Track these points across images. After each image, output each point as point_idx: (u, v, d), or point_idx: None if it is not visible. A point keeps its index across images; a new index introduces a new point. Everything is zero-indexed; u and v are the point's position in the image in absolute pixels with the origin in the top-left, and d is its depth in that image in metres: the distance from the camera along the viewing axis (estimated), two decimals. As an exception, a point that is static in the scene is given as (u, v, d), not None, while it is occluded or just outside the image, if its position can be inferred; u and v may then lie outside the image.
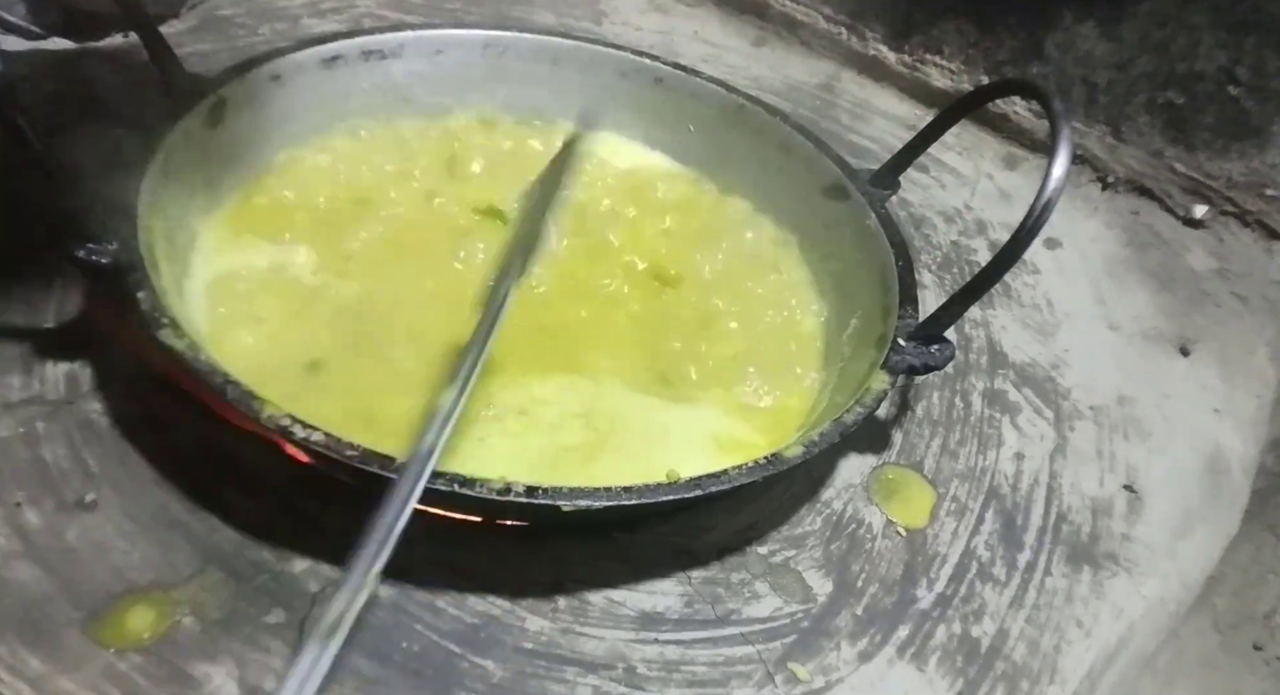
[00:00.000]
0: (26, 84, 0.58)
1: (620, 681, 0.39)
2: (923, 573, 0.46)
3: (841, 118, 0.77)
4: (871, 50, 0.82)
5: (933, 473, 0.51)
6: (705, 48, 0.81)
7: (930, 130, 0.54)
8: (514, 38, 0.60)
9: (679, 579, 0.43)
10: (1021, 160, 0.77)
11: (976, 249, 0.68)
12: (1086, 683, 0.45)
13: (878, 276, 0.51)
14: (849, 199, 0.55)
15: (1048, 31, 0.73)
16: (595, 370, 0.49)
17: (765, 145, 0.59)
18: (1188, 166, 0.72)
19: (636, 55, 0.61)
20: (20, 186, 0.52)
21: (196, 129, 0.48)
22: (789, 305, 0.54)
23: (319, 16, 0.72)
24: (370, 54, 0.56)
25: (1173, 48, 0.69)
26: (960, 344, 0.60)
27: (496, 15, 0.78)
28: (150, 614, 0.37)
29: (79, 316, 0.47)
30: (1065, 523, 0.51)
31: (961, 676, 0.43)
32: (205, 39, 0.67)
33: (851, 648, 0.43)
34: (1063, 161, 0.40)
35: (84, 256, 0.39)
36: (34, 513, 0.39)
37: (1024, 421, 0.56)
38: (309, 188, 0.54)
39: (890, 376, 0.44)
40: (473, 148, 0.59)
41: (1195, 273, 0.70)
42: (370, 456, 0.36)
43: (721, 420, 0.48)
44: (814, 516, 0.48)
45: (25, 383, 0.44)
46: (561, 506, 0.36)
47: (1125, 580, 0.49)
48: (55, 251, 0.40)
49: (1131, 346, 0.63)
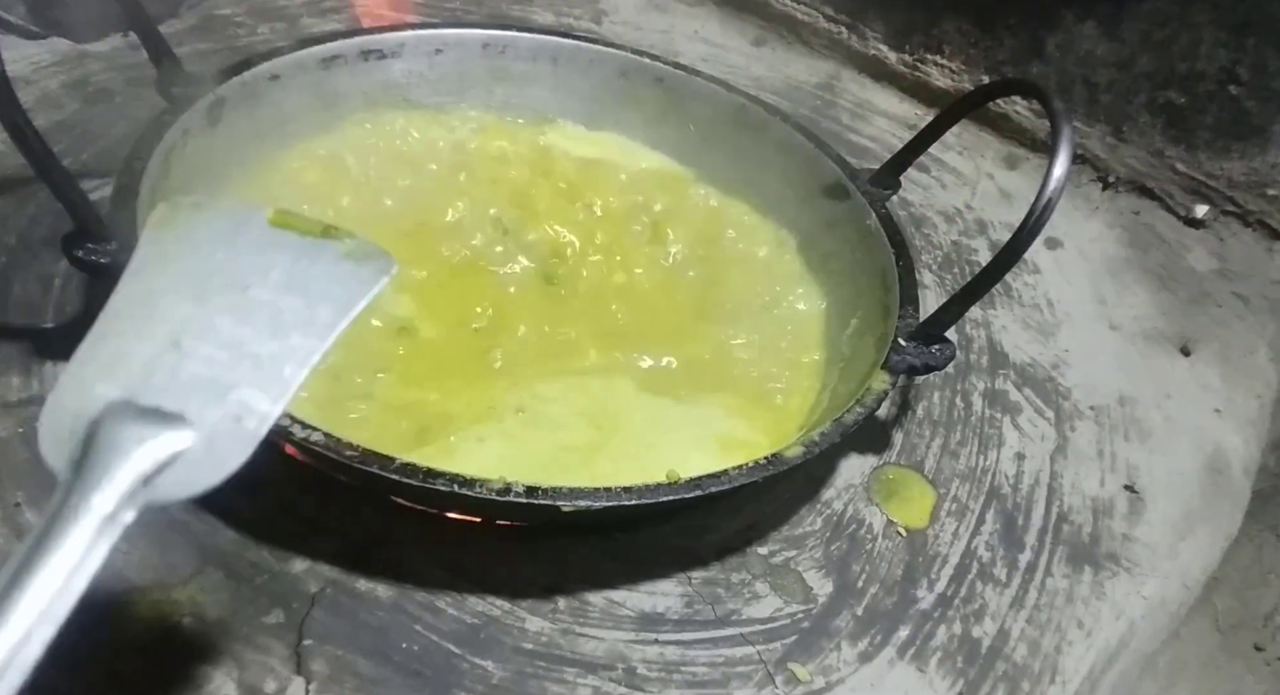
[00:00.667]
0: (26, 84, 0.58)
1: (620, 682, 0.39)
2: (923, 573, 0.46)
3: (842, 117, 0.77)
4: (872, 50, 0.81)
5: (933, 473, 0.51)
6: (705, 47, 0.81)
7: (931, 130, 0.54)
8: (513, 37, 0.60)
9: (679, 579, 0.43)
10: (1022, 160, 0.77)
11: (977, 249, 0.68)
12: (1087, 683, 0.44)
13: (878, 276, 0.51)
14: (849, 199, 0.55)
15: (1048, 31, 0.73)
16: (595, 370, 0.49)
17: (765, 145, 0.59)
18: (1189, 166, 0.72)
19: (636, 55, 0.61)
20: (20, 186, 0.52)
21: (196, 128, 0.48)
22: (789, 305, 0.54)
23: (318, 16, 0.72)
24: (369, 53, 0.56)
25: (1174, 47, 0.68)
26: (961, 344, 0.60)
27: (496, 14, 0.78)
28: (149, 614, 0.37)
29: (78, 316, 0.47)
30: (1066, 523, 0.51)
31: (962, 677, 0.43)
32: (204, 38, 0.67)
33: (852, 648, 0.43)
34: (1063, 161, 0.40)
35: (84, 256, 0.39)
36: (33, 513, 0.39)
37: (1025, 421, 0.56)
38: (308, 187, 0.54)
39: (891, 376, 0.44)
40: (472, 147, 0.59)
41: (1196, 273, 0.69)
42: (370, 456, 0.35)
43: (722, 420, 0.48)
44: (814, 517, 0.48)
45: (24, 383, 0.44)
46: (561, 506, 0.36)
47: (1126, 580, 0.49)
48: (55, 251, 0.40)
49: (1132, 346, 0.63)
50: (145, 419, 0.27)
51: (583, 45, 0.61)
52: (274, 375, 0.28)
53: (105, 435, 0.26)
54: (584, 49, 0.61)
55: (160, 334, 0.28)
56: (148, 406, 0.27)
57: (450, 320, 0.50)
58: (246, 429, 0.27)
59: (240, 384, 0.28)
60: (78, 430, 0.26)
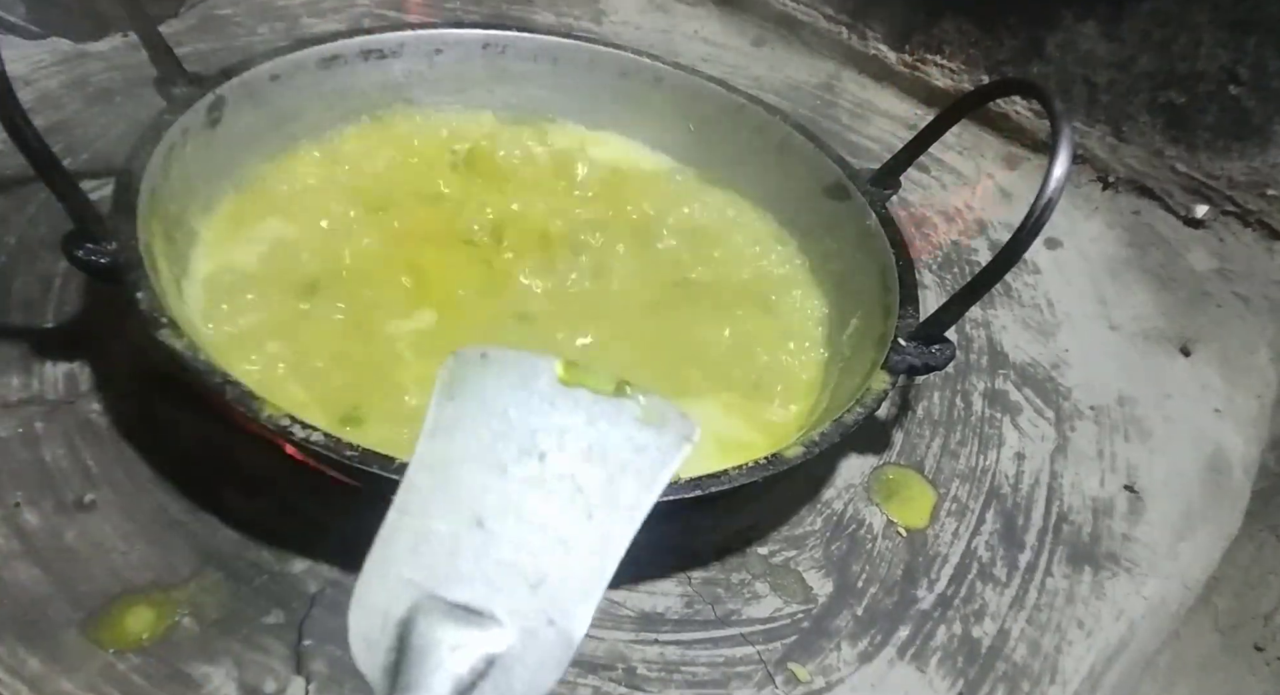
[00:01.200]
0: (26, 84, 0.58)
1: (620, 682, 0.39)
2: (923, 573, 0.46)
3: (842, 117, 0.77)
4: (872, 50, 0.81)
5: (933, 473, 0.51)
6: (705, 47, 0.81)
7: (931, 130, 0.54)
8: (513, 37, 0.60)
9: (679, 579, 0.43)
10: (1022, 160, 0.77)
11: (977, 249, 0.68)
12: (1087, 683, 0.44)
13: (878, 276, 0.51)
14: (849, 199, 0.55)
15: (1049, 31, 0.73)
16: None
17: (765, 145, 0.59)
18: (1189, 166, 0.72)
19: (636, 54, 0.61)
20: (19, 186, 0.52)
21: (196, 128, 0.48)
22: (789, 305, 0.54)
23: (318, 15, 0.72)
24: (369, 53, 0.56)
25: (1174, 47, 0.68)
26: (961, 344, 0.60)
27: (496, 14, 0.78)
28: (149, 614, 0.37)
29: (78, 316, 0.47)
30: (1066, 523, 0.51)
31: (962, 677, 0.43)
32: (204, 38, 0.67)
33: (852, 648, 0.43)
34: (1063, 161, 0.40)
35: (84, 256, 0.39)
36: (33, 513, 0.39)
37: (1025, 422, 0.56)
38: (308, 187, 0.54)
39: (891, 376, 0.44)
40: (472, 147, 0.59)
41: (1196, 272, 0.69)
42: (370, 456, 0.35)
43: (722, 420, 0.48)
44: (814, 517, 0.48)
45: (24, 383, 0.44)
46: (561, 507, 0.36)
47: (1126, 580, 0.49)
48: (55, 251, 0.40)
49: (1132, 346, 0.63)
50: (456, 618, 0.25)
51: (583, 45, 0.61)
52: (583, 565, 0.26)
53: (418, 639, 0.24)
54: (584, 49, 0.61)
55: (463, 511, 0.26)
56: (457, 603, 0.25)
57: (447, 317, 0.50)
58: (560, 632, 0.25)
59: (549, 575, 0.26)
60: (389, 631, 0.25)
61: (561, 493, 0.27)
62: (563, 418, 0.28)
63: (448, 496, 0.27)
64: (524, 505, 0.27)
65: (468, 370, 0.28)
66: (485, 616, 0.25)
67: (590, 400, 0.28)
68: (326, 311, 0.48)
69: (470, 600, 0.25)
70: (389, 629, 0.25)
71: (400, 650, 0.24)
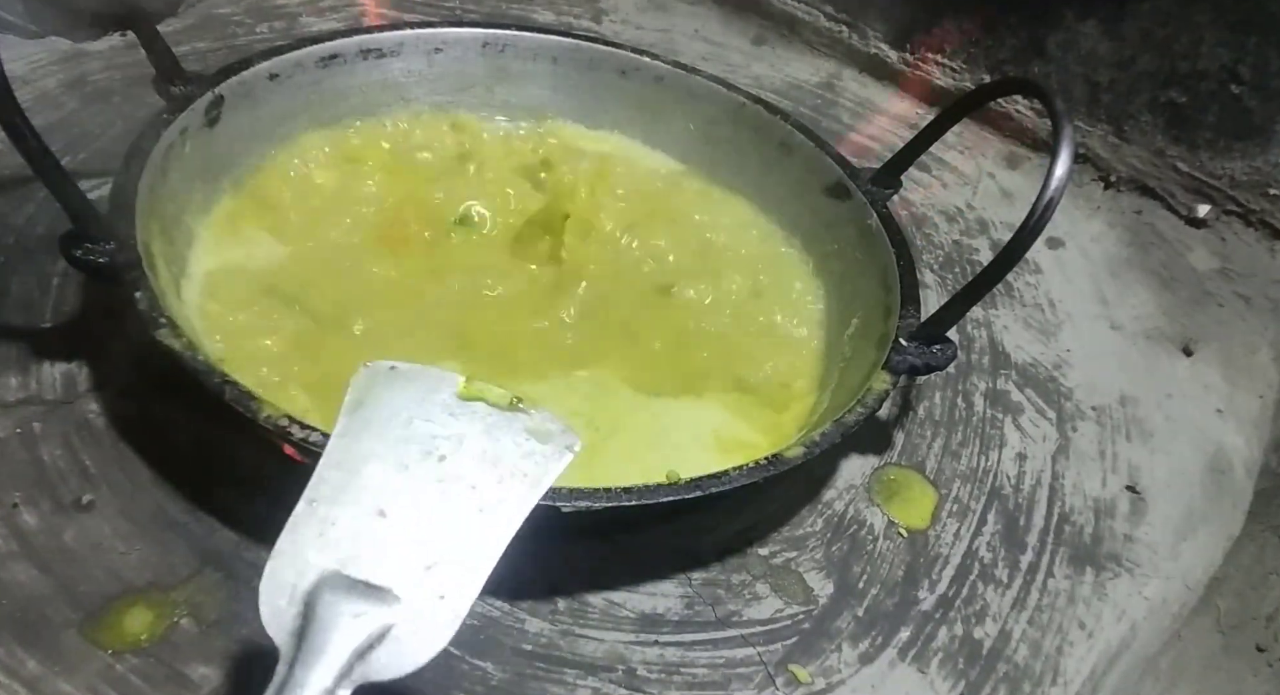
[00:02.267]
0: (25, 83, 0.58)
1: (620, 684, 0.39)
2: (924, 574, 0.46)
3: (843, 116, 0.77)
4: (873, 49, 0.81)
5: (934, 473, 0.51)
6: (706, 46, 0.81)
7: (932, 129, 0.54)
8: (513, 36, 0.60)
9: (679, 580, 0.43)
10: (1023, 159, 0.76)
11: (978, 248, 0.68)
12: (1089, 684, 0.44)
13: (879, 276, 0.51)
14: (850, 198, 0.55)
15: (1050, 30, 0.73)
16: (595, 370, 0.49)
17: (766, 144, 0.59)
18: (1190, 166, 0.71)
19: (637, 53, 0.61)
20: (18, 186, 0.52)
21: (194, 127, 0.48)
22: (789, 305, 0.54)
23: (317, 15, 0.72)
24: (369, 52, 0.56)
25: (1175, 46, 0.68)
26: (962, 344, 0.59)
27: (496, 13, 0.78)
28: (148, 615, 0.37)
29: (76, 316, 0.47)
30: (1067, 524, 0.51)
31: (963, 678, 0.43)
32: (203, 37, 0.67)
33: (853, 649, 0.42)
34: (1065, 160, 0.39)
35: (82, 256, 0.39)
36: (31, 513, 0.39)
37: (1026, 422, 0.56)
38: (307, 186, 0.54)
39: (892, 377, 0.44)
40: (471, 147, 0.59)
41: (1198, 272, 0.69)
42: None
43: (722, 420, 0.48)
44: (815, 517, 0.48)
45: (22, 383, 0.44)
46: (561, 507, 0.36)
47: (1128, 581, 0.49)
48: (53, 251, 0.40)
49: (1134, 346, 0.63)
50: (357, 592, 0.28)
51: (583, 44, 0.61)
52: (472, 552, 0.29)
53: (322, 609, 0.27)
54: (584, 48, 0.60)
55: (367, 502, 0.30)
56: (358, 579, 0.28)
57: (445, 316, 0.50)
58: (449, 607, 0.29)
59: (441, 559, 0.29)
60: (295, 601, 0.28)
61: (457, 490, 0.30)
62: (461, 426, 0.32)
63: (354, 489, 0.30)
64: (422, 499, 0.30)
65: (377, 380, 0.32)
66: (384, 591, 0.28)
67: (486, 412, 0.32)
68: (326, 311, 0.48)
69: (371, 577, 0.28)
70: (296, 599, 0.28)
71: (306, 617, 0.27)
